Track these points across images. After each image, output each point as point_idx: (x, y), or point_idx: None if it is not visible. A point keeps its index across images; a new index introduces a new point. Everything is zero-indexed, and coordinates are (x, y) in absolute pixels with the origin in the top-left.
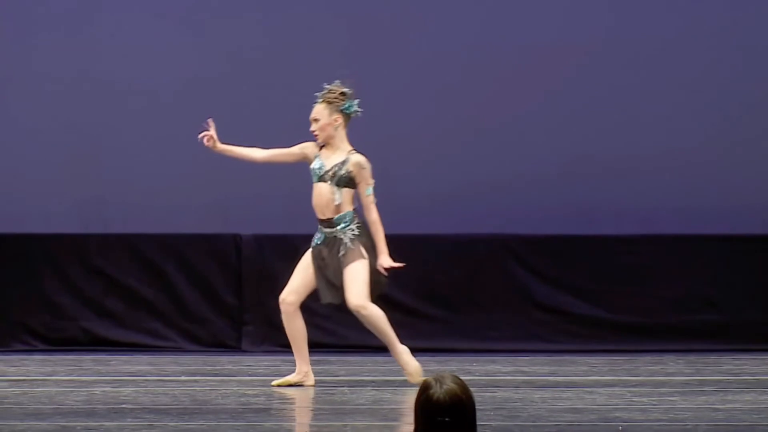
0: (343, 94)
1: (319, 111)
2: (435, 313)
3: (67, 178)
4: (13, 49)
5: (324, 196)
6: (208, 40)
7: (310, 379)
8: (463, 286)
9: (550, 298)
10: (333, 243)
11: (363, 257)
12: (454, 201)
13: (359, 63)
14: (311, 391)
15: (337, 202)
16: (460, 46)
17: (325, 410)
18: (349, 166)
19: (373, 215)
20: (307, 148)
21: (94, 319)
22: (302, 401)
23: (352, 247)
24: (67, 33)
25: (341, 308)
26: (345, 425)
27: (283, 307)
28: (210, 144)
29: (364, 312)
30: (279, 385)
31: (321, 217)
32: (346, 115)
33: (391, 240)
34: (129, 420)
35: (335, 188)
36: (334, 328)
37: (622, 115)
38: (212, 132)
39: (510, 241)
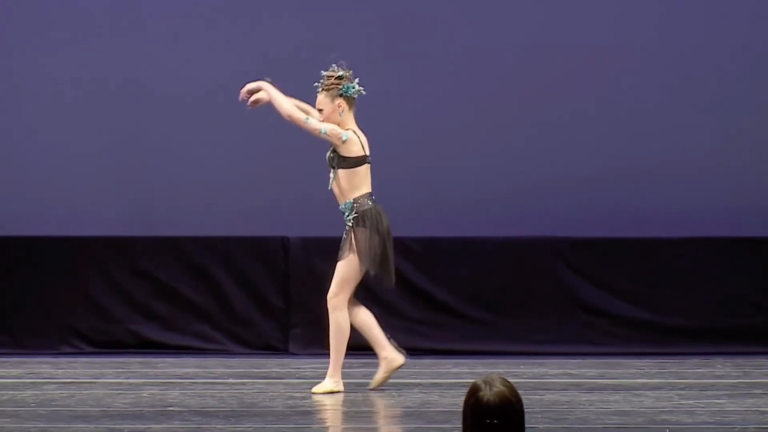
0: (339, 78)
1: (321, 101)
2: (482, 315)
3: (114, 182)
4: (60, 54)
5: (336, 179)
6: (252, 41)
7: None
8: (510, 288)
9: (597, 300)
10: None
11: (352, 253)
12: (501, 204)
13: (402, 63)
14: (359, 394)
15: (329, 187)
16: (505, 48)
17: (372, 412)
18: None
19: (306, 116)
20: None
21: (141, 321)
22: (349, 404)
23: (346, 242)
24: (113, 36)
25: (388, 311)
26: (392, 428)
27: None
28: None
29: (330, 307)
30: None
31: None
32: (348, 98)
33: (438, 243)
34: (176, 422)
35: (333, 173)
36: None
37: (669, 117)
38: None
39: (557, 244)
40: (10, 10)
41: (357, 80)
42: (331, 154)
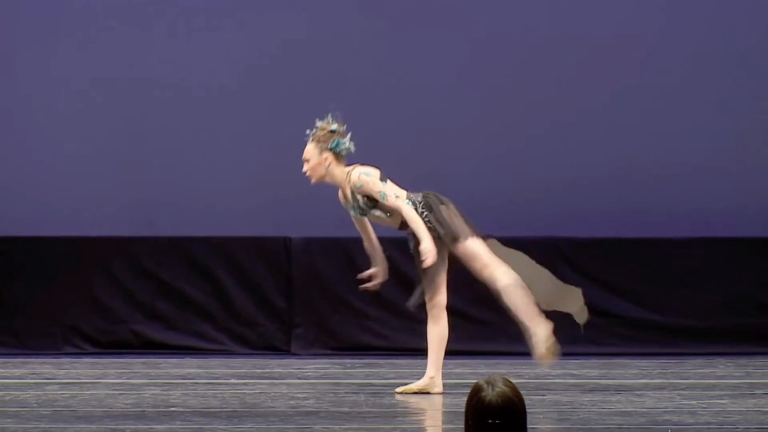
0: (332, 131)
1: (309, 150)
2: (484, 316)
3: (117, 182)
4: (63, 54)
5: (381, 221)
6: (257, 39)
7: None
8: None
9: (599, 300)
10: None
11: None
12: (505, 204)
13: (404, 63)
14: (361, 395)
15: (390, 221)
16: (508, 49)
17: (374, 413)
18: (357, 194)
19: (404, 213)
20: (341, 199)
21: (144, 322)
22: (352, 405)
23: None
24: (116, 34)
25: (395, 311)
26: (395, 428)
27: None
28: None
29: (429, 316)
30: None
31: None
32: (336, 153)
33: None
34: (178, 423)
35: (374, 212)
36: (382, 331)
37: (673, 117)
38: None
39: (559, 244)
40: (12, 9)
41: (349, 135)
42: (362, 201)
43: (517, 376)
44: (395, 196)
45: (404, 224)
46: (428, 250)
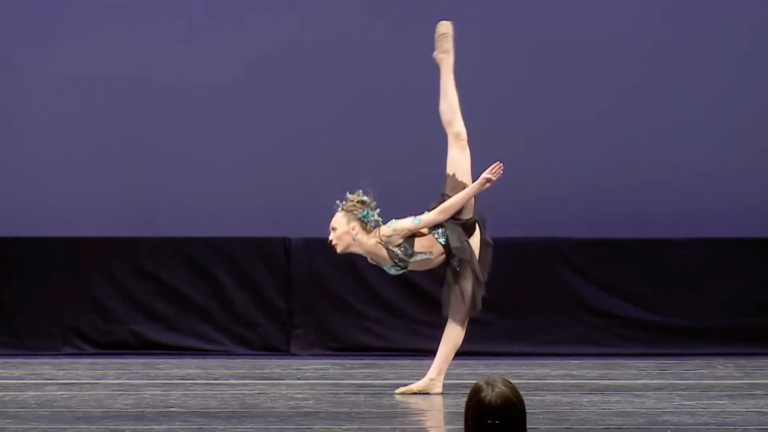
0: (361, 202)
1: (338, 219)
2: (484, 316)
3: (117, 182)
4: (63, 53)
5: (424, 264)
6: (257, 39)
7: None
8: (513, 289)
9: (600, 301)
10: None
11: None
12: (505, 204)
13: (405, 63)
14: (361, 396)
15: (434, 253)
16: (509, 50)
17: (373, 414)
18: (393, 248)
19: (447, 205)
20: (372, 262)
21: (143, 322)
22: (351, 405)
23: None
24: (116, 34)
25: (390, 312)
26: (394, 429)
27: None
28: None
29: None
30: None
31: None
32: (364, 224)
33: None
34: (178, 423)
35: (413, 259)
36: (382, 331)
37: (673, 117)
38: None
39: (559, 245)
40: (12, 9)
41: (378, 210)
42: (401, 254)
43: (516, 376)
44: (424, 213)
45: (448, 254)
46: (488, 177)
